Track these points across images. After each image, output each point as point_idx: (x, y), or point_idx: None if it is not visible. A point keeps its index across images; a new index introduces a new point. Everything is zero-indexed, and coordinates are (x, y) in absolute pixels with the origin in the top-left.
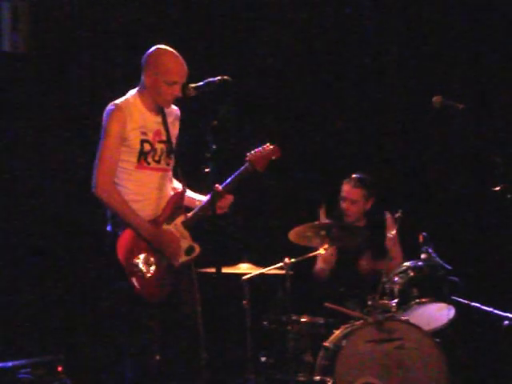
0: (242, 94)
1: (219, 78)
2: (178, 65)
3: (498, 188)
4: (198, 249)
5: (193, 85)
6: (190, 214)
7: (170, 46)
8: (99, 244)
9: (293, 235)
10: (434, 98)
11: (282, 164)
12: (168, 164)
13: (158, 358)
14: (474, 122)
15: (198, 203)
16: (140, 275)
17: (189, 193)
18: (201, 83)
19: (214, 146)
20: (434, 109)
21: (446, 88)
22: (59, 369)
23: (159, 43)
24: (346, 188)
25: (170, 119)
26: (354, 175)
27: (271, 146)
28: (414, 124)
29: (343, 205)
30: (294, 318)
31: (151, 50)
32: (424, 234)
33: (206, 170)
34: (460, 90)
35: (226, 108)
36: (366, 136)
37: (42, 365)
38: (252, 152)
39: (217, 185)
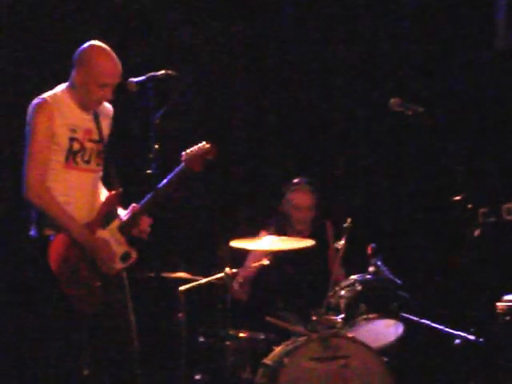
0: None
1: (163, 72)
2: (112, 66)
3: (458, 197)
4: (134, 255)
5: (134, 79)
6: (125, 219)
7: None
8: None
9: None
10: (392, 100)
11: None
12: (98, 165)
13: (86, 373)
14: (433, 127)
15: None
16: (74, 283)
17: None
18: (143, 77)
19: (157, 146)
20: (392, 111)
21: (403, 91)
22: None
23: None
24: (299, 196)
25: (101, 117)
26: (297, 180)
27: (207, 145)
28: (368, 127)
29: (297, 214)
30: (232, 332)
31: (84, 46)
32: (373, 245)
33: (148, 171)
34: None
35: (170, 105)
36: (308, 138)
37: None
38: (187, 151)
39: (134, 204)
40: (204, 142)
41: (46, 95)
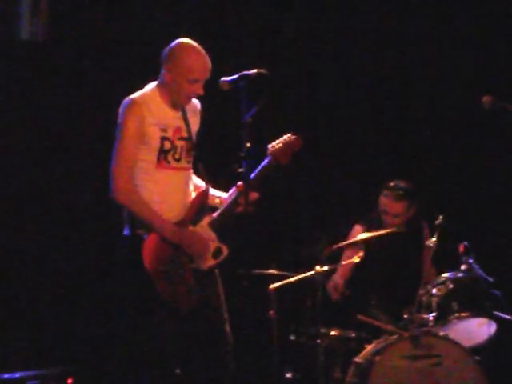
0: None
1: (255, 71)
2: (201, 62)
3: None
4: (225, 251)
5: (226, 78)
6: (215, 215)
7: (195, 39)
8: (114, 249)
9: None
10: (484, 98)
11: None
12: (189, 162)
13: (177, 371)
14: None
15: (218, 201)
16: (167, 282)
17: (210, 190)
18: (235, 76)
19: (248, 145)
20: (484, 110)
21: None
22: (69, 381)
23: (180, 36)
24: (387, 202)
25: (189, 114)
26: (392, 183)
27: (292, 137)
28: (459, 125)
29: (385, 218)
30: (323, 330)
31: (173, 43)
32: (465, 243)
33: (239, 169)
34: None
35: (262, 104)
36: (405, 137)
37: (52, 376)
38: (273, 144)
39: (240, 183)
40: (289, 134)
41: (135, 95)
